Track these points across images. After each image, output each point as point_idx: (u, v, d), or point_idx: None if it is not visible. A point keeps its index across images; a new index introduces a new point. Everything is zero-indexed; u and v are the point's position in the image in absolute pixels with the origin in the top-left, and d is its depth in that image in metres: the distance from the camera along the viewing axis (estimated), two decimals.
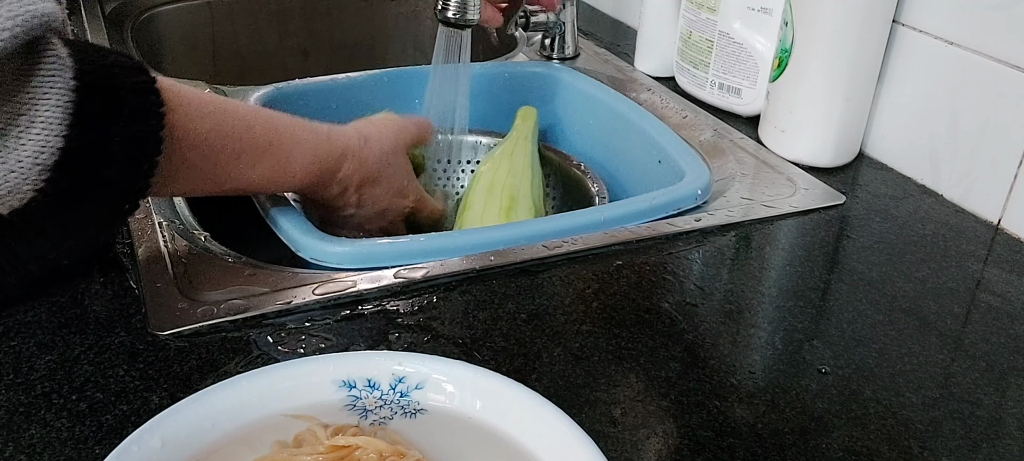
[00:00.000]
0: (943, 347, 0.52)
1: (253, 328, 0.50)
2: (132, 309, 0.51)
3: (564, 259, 0.58)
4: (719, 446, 0.43)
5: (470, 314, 0.52)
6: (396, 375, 0.42)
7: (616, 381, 0.47)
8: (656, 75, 0.94)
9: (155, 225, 0.59)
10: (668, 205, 0.65)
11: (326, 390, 0.41)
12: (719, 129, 0.81)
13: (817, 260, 0.61)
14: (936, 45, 0.69)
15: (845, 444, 0.44)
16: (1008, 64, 0.64)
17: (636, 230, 0.62)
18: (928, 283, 0.58)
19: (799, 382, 0.48)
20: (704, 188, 0.67)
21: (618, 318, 0.53)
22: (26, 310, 0.50)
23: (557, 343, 0.50)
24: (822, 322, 0.54)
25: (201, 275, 0.54)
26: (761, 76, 0.80)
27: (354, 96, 0.84)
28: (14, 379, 0.45)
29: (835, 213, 0.67)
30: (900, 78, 0.73)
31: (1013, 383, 0.49)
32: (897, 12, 0.71)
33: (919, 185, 0.72)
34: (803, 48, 0.71)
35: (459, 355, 0.48)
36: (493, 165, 0.78)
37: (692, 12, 0.85)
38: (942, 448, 0.44)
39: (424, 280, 0.55)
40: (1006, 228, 0.66)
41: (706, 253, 0.61)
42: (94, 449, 0.41)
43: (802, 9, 0.71)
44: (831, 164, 0.74)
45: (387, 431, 0.40)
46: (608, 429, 0.44)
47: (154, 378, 0.45)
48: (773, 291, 0.57)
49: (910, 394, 0.47)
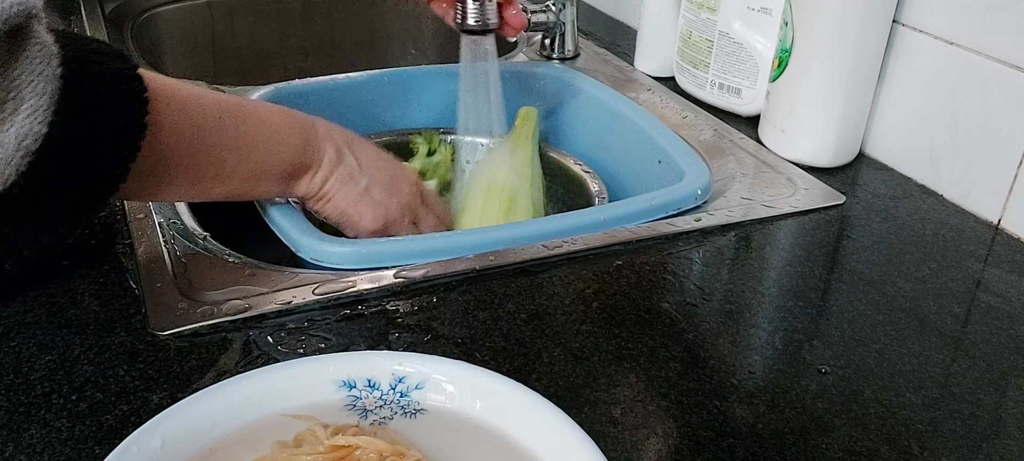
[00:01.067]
0: (943, 347, 0.52)
1: (253, 328, 0.50)
2: (132, 309, 0.51)
3: (564, 259, 0.58)
4: (719, 446, 0.43)
5: (470, 314, 0.52)
6: (396, 375, 0.42)
7: (616, 381, 0.47)
8: (656, 75, 0.94)
9: (155, 225, 0.59)
10: (668, 205, 0.65)
11: (326, 390, 0.41)
12: (719, 129, 0.81)
13: (817, 260, 0.61)
14: (936, 45, 0.69)
15: (845, 444, 0.44)
16: (1008, 64, 0.64)
17: (636, 230, 0.62)
18: (928, 283, 0.58)
19: (799, 382, 0.48)
20: (704, 188, 0.67)
21: (618, 318, 0.53)
22: (26, 310, 0.50)
23: (557, 343, 0.50)
24: (822, 322, 0.54)
25: (201, 275, 0.54)
26: (761, 76, 0.80)
27: (354, 96, 0.84)
28: (14, 379, 0.45)
29: (835, 213, 0.67)
30: (900, 78, 0.73)
31: (1013, 383, 0.49)
32: (897, 12, 0.71)
33: (919, 185, 0.72)
34: (803, 48, 0.71)
35: (459, 355, 0.48)
36: (493, 165, 0.78)
37: (692, 12, 0.85)
38: (942, 448, 0.44)
39: (424, 280, 0.55)
40: (1006, 228, 0.66)
41: (706, 253, 0.61)
42: (94, 449, 0.41)
43: (802, 9, 0.71)
44: (831, 164, 0.74)
45: (387, 431, 0.40)
46: (608, 429, 0.44)
47: (154, 378, 0.45)
48: (773, 291, 0.57)
49: (910, 394, 0.47)
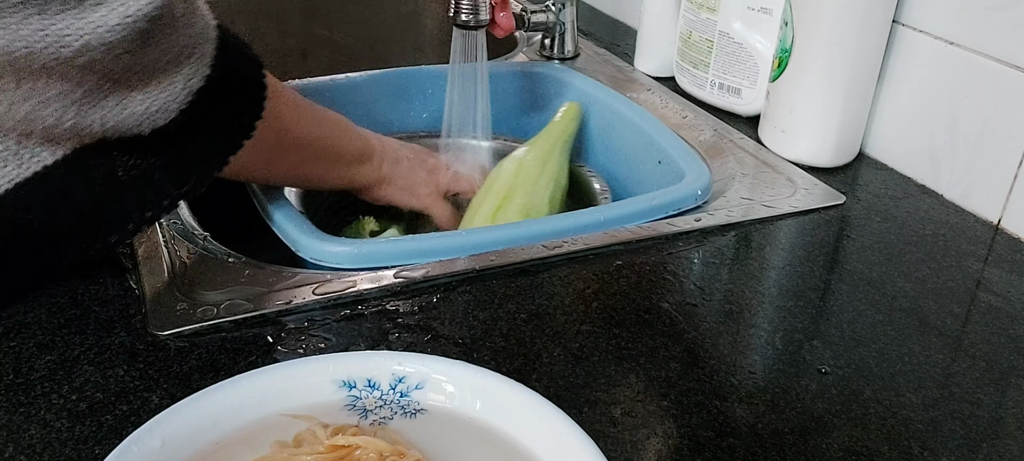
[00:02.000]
0: (943, 347, 0.52)
1: (253, 328, 0.50)
2: (132, 309, 0.51)
3: (564, 259, 0.58)
4: (719, 446, 0.43)
5: (470, 314, 0.52)
6: (396, 375, 0.41)
7: (616, 381, 0.47)
8: (656, 75, 0.94)
9: (155, 225, 0.59)
10: (668, 205, 0.65)
11: (326, 390, 0.41)
12: (719, 129, 0.81)
13: (817, 260, 0.61)
14: (936, 45, 0.69)
15: (845, 444, 0.44)
16: (1008, 64, 0.64)
17: (636, 230, 0.62)
18: (928, 283, 0.58)
19: (799, 382, 0.48)
20: (704, 188, 0.67)
21: (618, 318, 0.53)
22: (26, 310, 0.50)
23: (557, 343, 0.50)
24: (822, 322, 0.54)
25: (201, 275, 0.54)
26: (761, 76, 0.80)
27: (354, 96, 0.84)
28: (14, 379, 0.45)
29: (835, 213, 0.67)
30: (900, 78, 0.73)
31: (1013, 383, 0.49)
32: (897, 12, 0.71)
33: (919, 185, 0.72)
34: (803, 48, 0.71)
35: (459, 355, 0.48)
36: (508, 160, 0.78)
37: (692, 12, 0.85)
38: (942, 448, 0.44)
39: (424, 280, 0.55)
40: (1006, 228, 0.66)
41: (706, 253, 0.61)
42: (94, 449, 0.41)
43: (802, 9, 0.71)
44: (831, 164, 0.74)
45: (387, 431, 0.40)
46: (608, 429, 0.44)
47: (154, 378, 0.45)
48: (773, 291, 0.57)
49: (910, 394, 0.47)
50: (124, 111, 0.44)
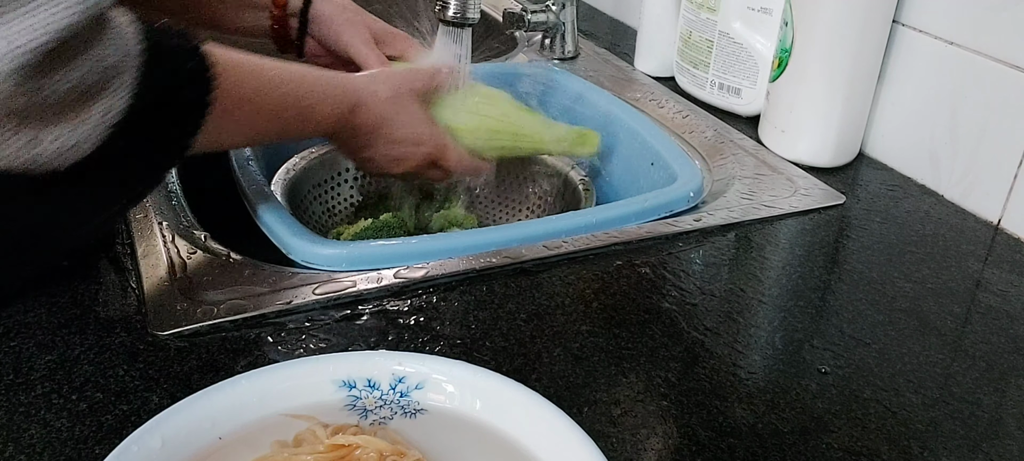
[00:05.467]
0: (943, 347, 0.52)
1: (253, 328, 0.50)
2: (132, 309, 0.51)
3: (564, 259, 0.58)
4: (719, 446, 0.43)
5: (470, 314, 0.52)
6: (396, 375, 0.42)
7: (616, 381, 0.47)
8: (656, 75, 0.94)
9: (155, 225, 0.59)
10: (661, 207, 0.64)
11: (326, 390, 0.41)
12: (719, 129, 0.81)
13: (817, 260, 0.61)
14: (936, 45, 0.69)
15: (845, 444, 0.44)
16: (1008, 64, 0.64)
17: (636, 230, 0.62)
18: (928, 283, 0.58)
19: (799, 382, 0.48)
20: (696, 190, 0.67)
21: (618, 318, 0.53)
22: (26, 310, 0.50)
23: (557, 343, 0.50)
24: (822, 322, 0.54)
25: (201, 275, 0.54)
26: (761, 76, 0.80)
27: None
28: (14, 379, 0.45)
29: (835, 213, 0.67)
30: (900, 78, 0.73)
31: (1013, 383, 0.49)
32: (897, 12, 0.71)
33: (919, 185, 0.72)
34: (803, 48, 0.71)
35: (459, 355, 0.48)
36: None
37: (692, 12, 0.85)
38: (942, 448, 0.44)
39: (424, 280, 0.55)
40: (1006, 228, 0.66)
41: (706, 253, 0.61)
42: (94, 449, 0.41)
43: (802, 9, 0.71)
44: (831, 164, 0.74)
45: (387, 431, 0.40)
46: (608, 429, 0.44)
47: (154, 378, 0.45)
48: (773, 291, 0.57)
49: (910, 394, 0.47)
50: (35, 149, 0.41)
